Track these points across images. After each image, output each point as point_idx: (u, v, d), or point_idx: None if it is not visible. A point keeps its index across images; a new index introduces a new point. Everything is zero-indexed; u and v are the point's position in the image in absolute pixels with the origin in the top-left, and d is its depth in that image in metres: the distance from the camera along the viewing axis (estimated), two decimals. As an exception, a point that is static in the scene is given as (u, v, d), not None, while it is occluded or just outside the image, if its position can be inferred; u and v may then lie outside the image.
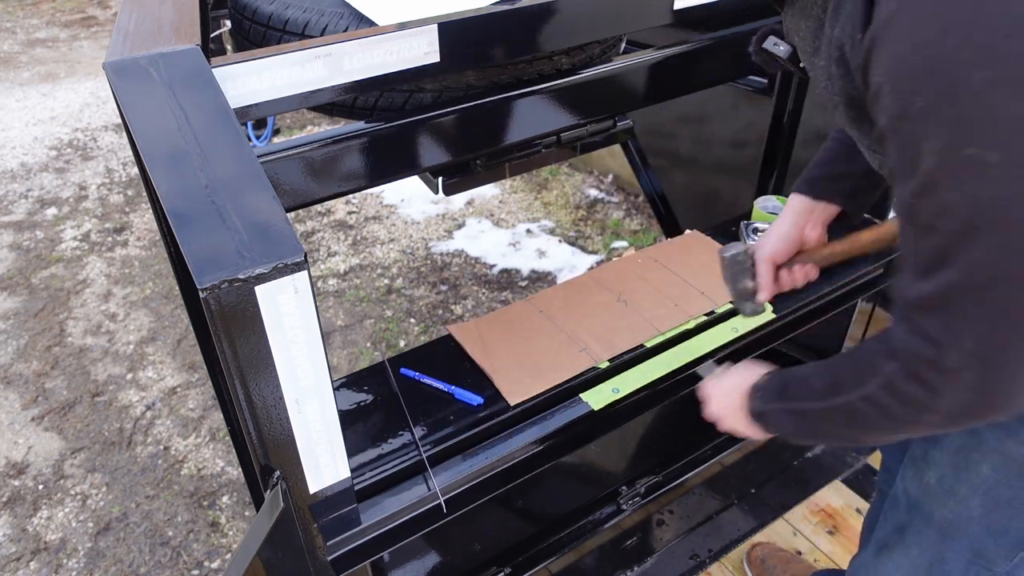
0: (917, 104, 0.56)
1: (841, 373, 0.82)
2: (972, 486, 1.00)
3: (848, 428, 0.83)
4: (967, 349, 0.64)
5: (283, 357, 0.74)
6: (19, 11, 6.51)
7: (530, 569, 1.44)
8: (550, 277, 3.02)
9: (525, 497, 1.50)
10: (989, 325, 0.62)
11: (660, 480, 1.57)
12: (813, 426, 0.87)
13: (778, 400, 0.91)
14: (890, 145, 0.62)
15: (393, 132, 1.07)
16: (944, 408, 0.69)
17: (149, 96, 0.84)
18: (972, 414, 0.69)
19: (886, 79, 0.58)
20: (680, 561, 1.73)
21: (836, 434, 0.86)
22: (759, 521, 1.84)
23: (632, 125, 1.35)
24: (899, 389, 0.72)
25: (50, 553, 2.02)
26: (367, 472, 1.06)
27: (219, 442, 2.33)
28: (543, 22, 1.08)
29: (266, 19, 1.14)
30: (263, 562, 0.84)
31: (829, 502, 1.92)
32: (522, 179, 3.69)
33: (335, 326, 2.80)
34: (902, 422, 0.75)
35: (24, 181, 3.87)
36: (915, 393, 0.70)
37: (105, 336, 2.80)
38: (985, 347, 0.63)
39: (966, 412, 0.69)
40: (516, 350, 1.23)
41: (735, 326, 1.30)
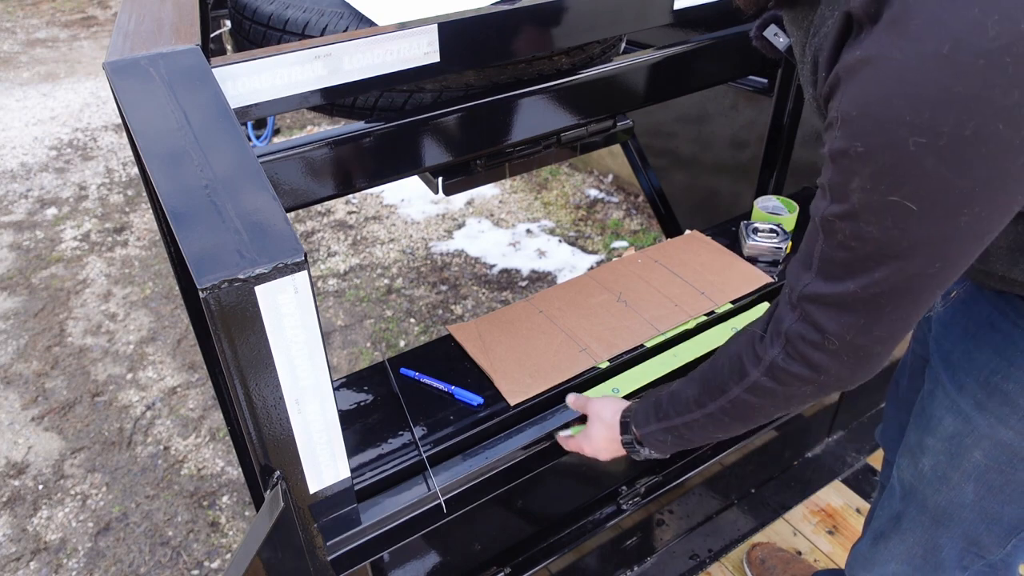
0: (858, 148, 0.64)
1: (714, 377, 0.90)
2: (965, 472, 1.02)
3: (729, 425, 0.91)
4: (850, 340, 0.75)
5: (283, 357, 0.74)
6: (19, 11, 6.51)
7: (530, 569, 1.44)
8: (550, 277, 3.02)
9: (525, 497, 1.50)
10: (873, 325, 0.74)
11: (660, 480, 1.57)
12: (693, 435, 0.95)
13: (654, 421, 0.98)
14: (827, 168, 0.70)
15: (393, 132, 1.07)
16: (821, 380, 0.80)
17: (149, 96, 0.84)
18: (842, 385, 0.81)
19: (838, 117, 0.65)
20: (680, 561, 1.73)
21: (715, 435, 0.94)
22: (759, 521, 1.84)
23: (632, 125, 1.35)
24: (781, 369, 0.81)
25: (50, 553, 2.02)
26: (367, 472, 1.06)
27: (219, 442, 2.33)
28: (543, 22, 1.08)
29: (266, 19, 1.14)
30: (263, 562, 0.84)
31: (829, 502, 1.92)
32: (522, 179, 3.69)
33: (335, 326, 2.80)
34: (782, 399, 0.84)
35: (24, 181, 3.87)
36: (797, 371, 0.80)
37: (105, 336, 2.80)
38: (867, 340, 0.75)
39: (837, 384, 0.80)
40: (516, 350, 1.23)
41: (735, 326, 1.30)
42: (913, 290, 0.70)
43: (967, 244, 0.66)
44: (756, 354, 0.83)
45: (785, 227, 1.42)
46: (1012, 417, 0.94)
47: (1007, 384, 0.93)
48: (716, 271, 1.39)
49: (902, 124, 0.60)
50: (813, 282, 0.75)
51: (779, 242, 1.40)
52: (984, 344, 0.96)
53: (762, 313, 0.89)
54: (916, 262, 0.67)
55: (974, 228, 0.65)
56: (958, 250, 0.67)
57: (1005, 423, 0.95)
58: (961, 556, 1.08)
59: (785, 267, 1.41)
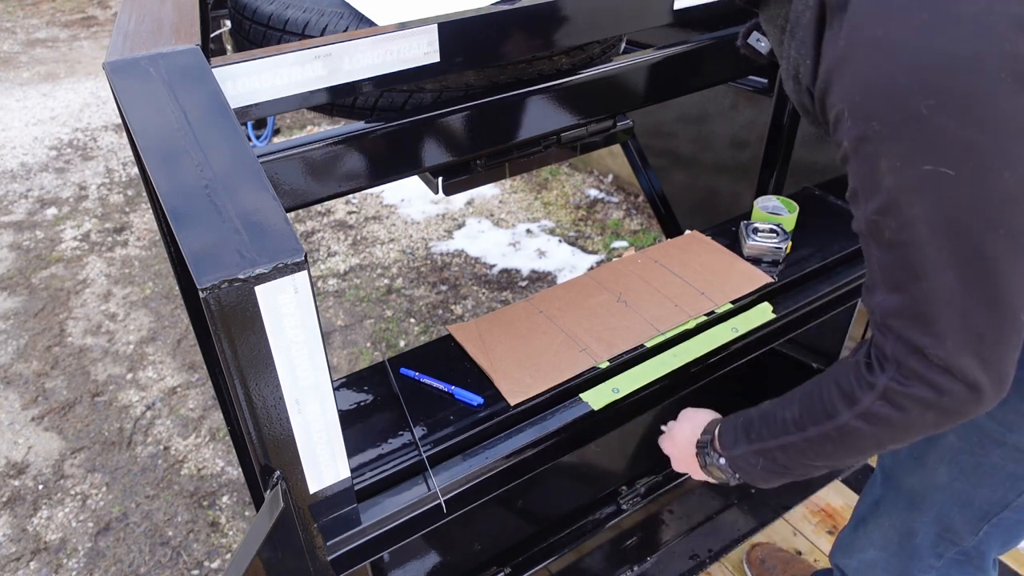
0: (875, 128, 0.64)
1: (818, 400, 0.83)
2: (939, 454, 1.04)
3: (832, 453, 0.83)
4: (952, 347, 0.69)
5: (283, 357, 0.74)
6: (19, 11, 6.51)
7: (530, 569, 1.44)
8: (550, 277, 3.02)
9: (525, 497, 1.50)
10: (965, 324, 0.68)
11: (660, 480, 1.57)
12: (788, 461, 0.87)
13: (745, 443, 0.92)
14: (852, 166, 0.68)
15: (393, 132, 1.07)
16: (944, 403, 0.72)
17: (149, 96, 0.84)
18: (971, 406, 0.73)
19: (844, 108, 0.65)
20: (680, 561, 1.73)
21: (815, 463, 0.86)
22: (759, 521, 1.84)
23: (632, 125, 1.35)
24: (899, 393, 0.74)
25: (50, 553, 2.02)
26: (367, 472, 1.06)
27: (219, 442, 2.33)
28: (543, 22, 1.08)
29: (266, 19, 1.14)
30: (263, 562, 0.84)
31: (829, 502, 1.92)
32: (522, 179, 3.69)
33: (335, 326, 2.80)
34: (900, 428, 0.77)
35: (24, 181, 3.87)
36: (918, 393, 0.72)
37: (105, 336, 2.80)
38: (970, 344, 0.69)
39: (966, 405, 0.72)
40: (516, 350, 1.23)
41: (735, 326, 1.30)
42: (986, 270, 0.65)
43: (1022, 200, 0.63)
44: (866, 380, 0.77)
45: (785, 227, 1.42)
46: None
47: None
48: (716, 271, 1.39)
49: (909, 92, 0.60)
50: (886, 298, 0.71)
51: (779, 242, 1.39)
52: None
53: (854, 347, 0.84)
54: (974, 235, 0.64)
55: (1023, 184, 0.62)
56: (1014, 217, 0.63)
57: None
58: (935, 543, 1.09)
59: (785, 267, 1.41)
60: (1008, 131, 0.61)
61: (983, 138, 0.60)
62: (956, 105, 0.60)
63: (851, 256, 1.49)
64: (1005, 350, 0.70)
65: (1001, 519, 1.02)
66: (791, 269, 1.41)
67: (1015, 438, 0.95)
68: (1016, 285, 0.66)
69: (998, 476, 0.99)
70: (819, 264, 1.44)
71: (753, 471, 0.92)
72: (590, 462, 1.61)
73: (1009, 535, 1.04)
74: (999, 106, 0.60)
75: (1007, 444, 0.96)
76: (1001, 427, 0.95)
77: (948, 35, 0.59)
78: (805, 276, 1.41)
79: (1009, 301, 0.67)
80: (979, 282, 0.66)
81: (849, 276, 1.43)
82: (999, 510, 1.01)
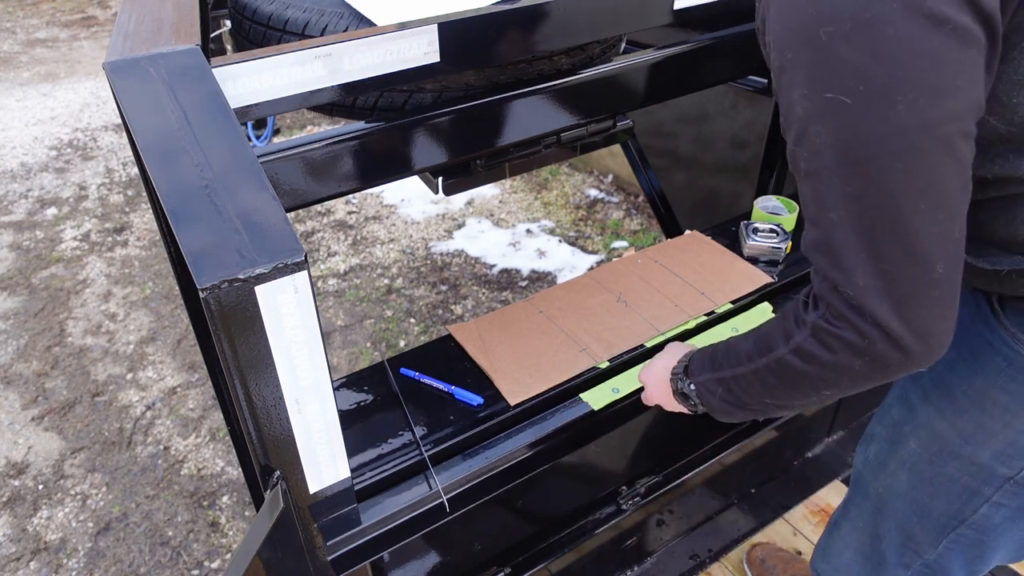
0: (788, 56, 0.66)
1: (767, 334, 0.83)
2: (900, 460, 1.04)
3: (775, 388, 0.82)
4: (863, 285, 0.67)
5: (283, 357, 0.74)
6: (19, 11, 6.51)
7: (530, 569, 1.44)
8: (550, 277, 3.02)
9: (525, 497, 1.50)
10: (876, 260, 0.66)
11: (660, 480, 1.57)
12: (741, 393, 0.87)
13: (709, 370, 0.92)
14: (777, 100, 0.70)
15: (393, 132, 1.07)
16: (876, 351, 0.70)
17: (149, 96, 0.84)
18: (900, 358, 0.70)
19: (771, 38, 0.68)
20: (680, 561, 1.73)
21: (764, 401, 0.85)
22: (759, 521, 1.84)
23: (632, 125, 1.35)
24: (825, 331, 0.73)
25: (50, 553, 2.02)
26: (367, 472, 1.06)
27: (219, 442, 2.33)
28: (543, 22, 1.08)
29: (266, 19, 1.14)
30: (263, 562, 0.84)
31: (829, 502, 1.92)
32: (522, 179, 3.69)
33: (335, 326, 2.80)
34: (831, 369, 0.75)
35: (24, 181, 3.87)
36: (844, 336, 0.71)
37: (105, 336, 2.80)
38: (882, 284, 0.67)
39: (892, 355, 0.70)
40: (516, 350, 1.23)
41: (735, 326, 1.30)
42: (887, 205, 0.65)
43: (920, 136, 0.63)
44: (801, 317, 0.76)
45: (785, 227, 1.42)
46: (949, 409, 0.95)
47: (952, 377, 0.94)
48: (716, 271, 1.39)
49: (812, 20, 0.63)
50: (808, 232, 0.71)
51: (779, 242, 1.40)
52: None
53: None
54: (871, 167, 0.64)
55: (920, 119, 0.62)
56: (912, 144, 0.63)
57: (942, 414, 0.96)
58: (901, 552, 1.08)
59: (785, 267, 1.41)
60: (903, 61, 0.61)
61: (878, 66, 0.61)
62: (851, 32, 0.61)
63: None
64: (923, 302, 0.68)
65: (960, 535, 1.00)
66: (791, 269, 1.41)
67: (970, 450, 0.94)
68: (926, 230, 0.65)
69: (954, 488, 0.98)
70: (819, 264, 1.44)
71: (713, 399, 0.92)
72: (590, 462, 1.60)
73: (972, 555, 1.02)
74: (893, 34, 0.60)
75: (963, 456, 0.95)
76: (959, 438, 0.94)
77: None
78: (805, 276, 1.41)
79: (920, 247, 0.66)
80: (882, 218, 0.66)
81: (849, 276, 1.42)
82: (956, 524, 1.00)
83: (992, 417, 0.90)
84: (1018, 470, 0.91)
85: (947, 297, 0.69)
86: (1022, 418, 0.88)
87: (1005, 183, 0.76)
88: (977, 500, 0.96)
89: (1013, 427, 0.89)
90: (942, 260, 0.67)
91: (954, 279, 0.69)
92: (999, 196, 0.78)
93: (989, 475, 0.93)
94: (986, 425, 0.91)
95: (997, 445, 0.91)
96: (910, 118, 0.62)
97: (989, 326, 0.89)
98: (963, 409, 0.93)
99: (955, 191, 0.66)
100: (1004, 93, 0.69)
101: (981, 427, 0.92)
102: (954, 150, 0.64)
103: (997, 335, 0.88)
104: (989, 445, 0.92)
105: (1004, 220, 0.79)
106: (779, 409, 0.86)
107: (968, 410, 0.93)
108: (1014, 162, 0.74)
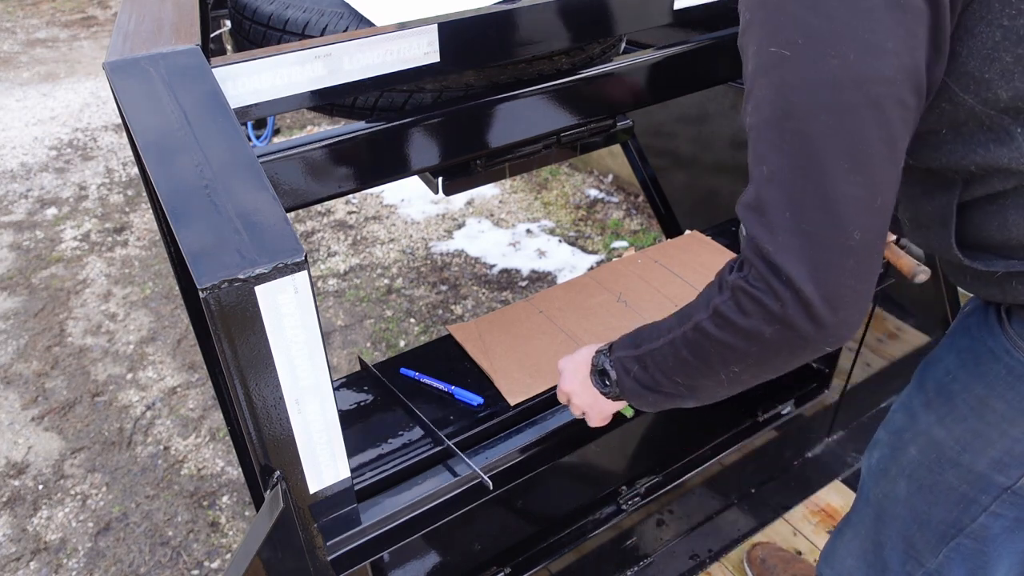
0: (746, 17, 0.69)
1: (692, 304, 0.81)
2: (900, 467, 1.03)
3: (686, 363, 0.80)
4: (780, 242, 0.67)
5: (283, 357, 0.74)
6: (19, 11, 6.51)
7: (530, 569, 1.44)
8: (550, 277, 3.02)
9: (525, 497, 1.50)
10: (797, 220, 0.66)
11: (660, 480, 1.57)
12: (655, 371, 0.85)
13: (631, 347, 0.89)
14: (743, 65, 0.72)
15: (393, 132, 1.07)
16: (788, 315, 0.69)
17: (149, 96, 0.84)
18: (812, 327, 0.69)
19: (739, 6, 0.71)
20: (680, 561, 1.73)
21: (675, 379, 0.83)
22: (759, 521, 1.84)
23: (632, 125, 1.35)
24: (742, 291, 0.72)
25: (50, 553, 2.02)
26: (367, 472, 1.06)
27: (219, 442, 2.33)
28: (543, 22, 1.08)
29: (266, 19, 1.14)
30: (263, 562, 0.84)
31: (829, 502, 1.92)
32: (522, 179, 3.69)
33: (335, 326, 2.80)
34: (743, 337, 0.73)
35: (24, 181, 3.87)
36: (758, 296, 0.70)
37: (105, 336, 2.80)
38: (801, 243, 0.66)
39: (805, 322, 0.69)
40: (516, 350, 1.23)
41: (735, 326, 1.30)
42: (813, 160, 0.65)
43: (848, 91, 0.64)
44: (725, 281, 0.75)
45: (785, 227, 1.42)
46: (948, 417, 0.94)
47: (954, 384, 0.93)
48: (716, 271, 1.39)
49: None
50: (745, 191, 0.73)
51: (779, 242, 1.40)
52: (954, 348, 0.96)
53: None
54: (801, 119, 0.66)
55: (850, 75, 0.64)
56: (839, 98, 0.64)
57: (942, 422, 0.95)
58: (903, 560, 1.07)
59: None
60: (840, 17, 0.63)
61: (817, 21, 0.63)
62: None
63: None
64: (837, 270, 0.67)
65: (960, 545, 0.99)
66: (791, 269, 1.41)
67: (968, 458, 0.93)
68: (845, 191, 0.65)
69: (952, 497, 0.97)
70: (819, 264, 1.44)
71: (627, 379, 0.89)
72: (590, 462, 1.61)
73: (974, 566, 1.00)
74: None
75: (961, 464, 0.94)
76: (957, 445, 0.94)
77: None
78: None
79: (837, 209, 0.66)
80: (806, 174, 0.66)
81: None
82: (955, 533, 0.99)
83: (990, 425, 0.90)
84: (1015, 479, 0.90)
85: (862, 270, 0.68)
86: (1018, 426, 0.87)
87: (989, 177, 0.76)
88: (975, 509, 0.95)
89: (1009, 435, 0.88)
90: (859, 228, 0.66)
91: (871, 253, 0.68)
92: (987, 195, 0.79)
93: (986, 484, 0.93)
94: (984, 433, 0.91)
95: (994, 453, 0.91)
96: (840, 72, 0.64)
97: (993, 334, 0.89)
98: (962, 417, 0.93)
99: (879, 157, 0.66)
100: (976, 69, 0.70)
101: (979, 435, 0.91)
102: (881, 113, 0.65)
103: (999, 342, 0.88)
104: (986, 453, 0.91)
105: (997, 224, 0.80)
106: (689, 392, 0.84)
107: (967, 418, 0.92)
108: (994, 151, 0.74)
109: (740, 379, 0.79)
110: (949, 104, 0.73)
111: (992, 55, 0.68)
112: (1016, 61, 0.68)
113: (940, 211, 0.83)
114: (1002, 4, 0.66)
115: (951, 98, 0.72)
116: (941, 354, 0.99)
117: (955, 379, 0.93)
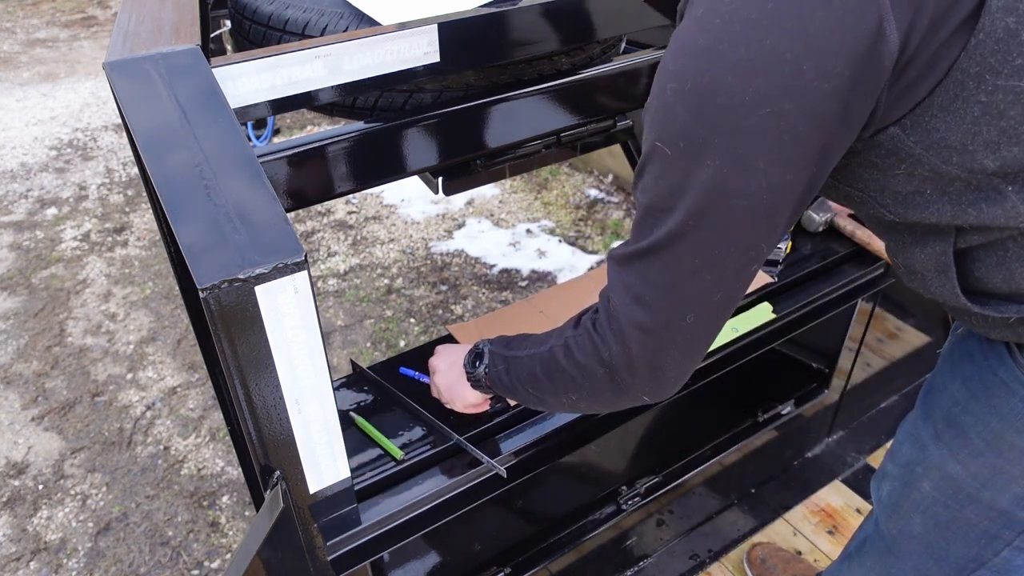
0: (647, 102, 0.72)
1: (557, 328, 0.90)
2: (914, 502, 1.00)
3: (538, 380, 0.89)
4: (627, 303, 0.75)
5: (283, 357, 0.74)
6: (19, 11, 6.51)
7: (530, 569, 1.44)
8: (550, 277, 3.02)
9: (525, 497, 1.50)
10: (642, 283, 0.74)
11: (660, 480, 1.57)
12: (515, 376, 0.94)
13: (505, 348, 0.98)
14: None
15: (393, 132, 1.07)
16: (613, 364, 0.78)
17: (149, 96, 0.84)
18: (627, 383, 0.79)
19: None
20: (680, 561, 1.73)
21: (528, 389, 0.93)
22: (759, 521, 1.84)
23: (632, 125, 1.35)
24: (584, 330, 0.82)
25: (50, 553, 2.02)
26: (367, 472, 1.06)
27: (219, 442, 2.33)
28: (543, 22, 1.08)
29: (266, 19, 1.14)
30: (263, 562, 0.84)
31: (829, 502, 1.92)
32: (522, 179, 3.69)
33: (335, 326, 2.80)
34: (578, 373, 0.83)
35: (24, 181, 3.87)
36: (595, 336, 0.80)
37: (105, 336, 2.80)
38: (636, 305, 0.74)
39: (625, 376, 0.78)
40: (516, 350, 1.23)
41: (735, 326, 1.30)
42: (673, 250, 0.71)
43: (713, 201, 0.67)
44: (582, 319, 0.85)
45: (785, 227, 1.42)
46: (963, 451, 0.91)
47: (965, 416, 0.90)
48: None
49: (666, 73, 0.68)
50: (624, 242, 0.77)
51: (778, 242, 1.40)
52: (959, 375, 0.92)
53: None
54: (671, 213, 0.69)
55: (720, 185, 0.66)
56: (703, 205, 0.68)
57: (955, 456, 0.92)
58: None
59: (785, 267, 1.41)
60: (724, 127, 0.64)
61: (699, 129, 0.65)
62: (688, 92, 0.65)
63: (851, 256, 1.49)
64: (666, 343, 0.75)
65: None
66: (791, 269, 1.41)
67: (989, 495, 0.90)
68: (689, 282, 0.71)
69: (972, 533, 0.94)
70: (819, 264, 1.44)
71: (494, 371, 0.98)
72: (590, 462, 1.61)
73: None
74: (719, 99, 0.64)
75: (981, 501, 0.91)
76: (975, 482, 0.91)
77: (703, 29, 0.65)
78: (805, 276, 1.41)
79: (678, 293, 0.72)
80: (659, 257, 0.72)
81: (849, 276, 1.43)
82: (975, 567, 0.97)
83: (1010, 461, 0.87)
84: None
85: (689, 347, 0.76)
86: None
87: (985, 231, 0.74)
88: (998, 544, 0.93)
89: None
90: (693, 313, 0.73)
91: (701, 336, 0.76)
92: (986, 243, 0.76)
93: (1010, 520, 0.90)
94: (1004, 469, 0.88)
95: (1016, 490, 0.88)
96: (709, 182, 0.67)
97: (1004, 364, 0.85)
98: (978, 452, 0.89)
99: (731, 264, 0.71)
100: (958, 142, 0.67)
101: (999, 471, 0.88)
102: (743, 226, 0.69)
103: (1012, 375, 0.84)
104: (1009, 490, 0.88)
105: (1002, 277, 0.77)
106: (539, 403, 0.94)
107: (984, 453, 0.89)
108: (988, 211, 0.72)
109: (578, 406, 0.89)
110: (930, 172, 0.71)
111: (973, 129, 0.67)
112: (1000, 133, 0.66)
113: (936, 259, 0.80)
114: (977, 82, 0.64)
115: (933, 168, 0.71)
116: (944, 380, 0.95)
117: (965, 410, 0.90)
